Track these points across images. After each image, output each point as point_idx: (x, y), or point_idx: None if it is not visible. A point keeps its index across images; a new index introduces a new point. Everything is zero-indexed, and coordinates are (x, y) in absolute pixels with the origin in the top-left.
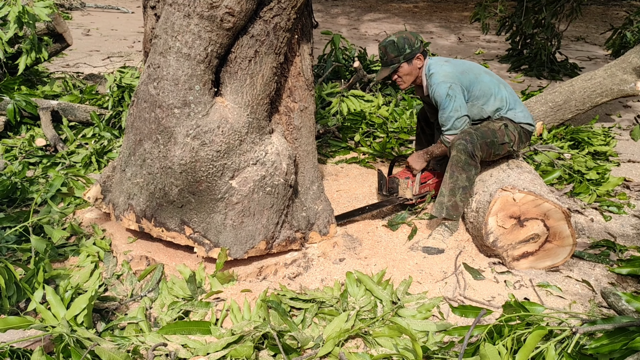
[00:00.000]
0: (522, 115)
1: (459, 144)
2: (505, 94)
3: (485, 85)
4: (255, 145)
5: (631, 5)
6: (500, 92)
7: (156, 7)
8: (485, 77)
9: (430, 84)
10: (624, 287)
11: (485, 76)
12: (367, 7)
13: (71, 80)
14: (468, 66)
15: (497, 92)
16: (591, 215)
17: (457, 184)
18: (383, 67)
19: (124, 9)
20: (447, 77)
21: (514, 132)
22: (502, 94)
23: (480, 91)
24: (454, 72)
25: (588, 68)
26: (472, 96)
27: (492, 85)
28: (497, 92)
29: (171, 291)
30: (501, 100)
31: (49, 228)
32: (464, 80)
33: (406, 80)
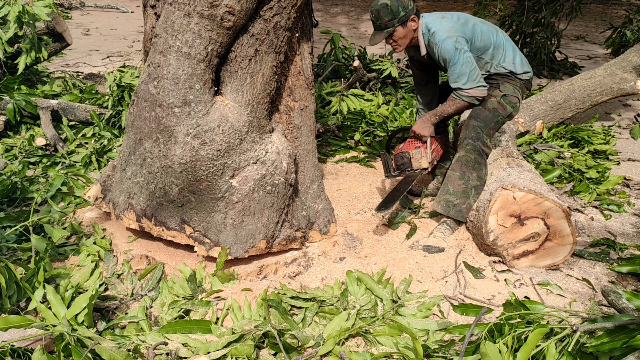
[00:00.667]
0: (519, 63)
1: (467, 144)
2: (502, 40)
3: (485, 35)
4: (256, 144)
5: (631, 4)
6: (498, 38)
7: (156, 6)
8: (483, 27)
9: (435, 42)
10: (624, 286)
11: (481, 25)
12: (367, 6)
13: (71, 79)
14: (465, 18)
15: (495, 40)
16: (591, 214)
17: (468, 184)
18: (376, 31)
19: (124, 8)
20: (450, 32)
21: (514, 94)
22: (500, 41)
23: (482, 42)
24: (456, 26)
25: (588, 67)
26: (474, 48)
27: (490, 34)
28: (496, 39)
29: (171, 290)
30: (499, 47)
31: (49, 227)
32: (467, 31)
33: (401, 43)
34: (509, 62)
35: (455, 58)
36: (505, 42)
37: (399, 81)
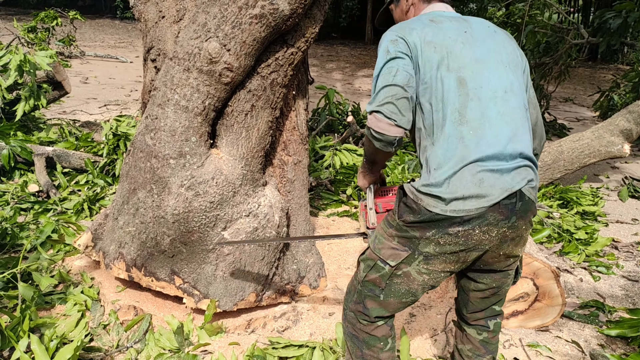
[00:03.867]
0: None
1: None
2: (472, 118)
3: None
4: (249, 197)
5: (618, 69)
6: (461, 108)
7: (156, 60)
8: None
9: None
10: (612, 349)
11: (449, 81)
12: (362, 63)
13: (67, 127)
14: (473, 33)
15: (453, 105)
16: (580, 275)
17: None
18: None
19: (123, 58)
20: (398, 29)
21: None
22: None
23: (428, 92)
24: (423, 28)
25: (576, 129)
26: (422, 83)
27: (452, 90)
28: (455, 105)
29: (158, 342)
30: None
31: (37, 275)
32: (421, 54)
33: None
34: (427, 166)
35: (379, 60)
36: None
37: None
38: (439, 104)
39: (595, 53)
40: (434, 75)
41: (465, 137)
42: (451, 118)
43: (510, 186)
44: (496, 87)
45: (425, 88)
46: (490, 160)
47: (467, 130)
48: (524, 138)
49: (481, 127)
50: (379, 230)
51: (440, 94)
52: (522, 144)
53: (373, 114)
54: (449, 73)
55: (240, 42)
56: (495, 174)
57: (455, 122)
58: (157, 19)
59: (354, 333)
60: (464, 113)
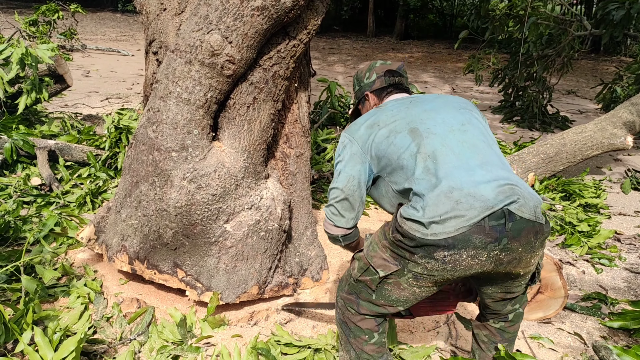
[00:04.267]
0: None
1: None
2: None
3: (394, 150)
4: (251, 190)
5: (621, 61)
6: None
7: (158, 52)
8: (402, 140)
9: None
10: (615, 341)
11: (401, 137)
12: (364, 55)
13: (69, 120)
14: (390, 116)
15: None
16: (583, 267)
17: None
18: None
19: (125, 51)
20: (348, 129)
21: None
22: (407, 162)
23: (386, 159)
24: (361, 122)
25: (579, 121)
26: (381, 167)
27: (403, 152)
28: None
29: (161, 335)
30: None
31: (40, 268)
32: (368, 138)
33: None
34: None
35: (335, 164)
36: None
37: None
38: (399, 162)
39: (598, 45)
40: (385, 144)
41: (430, 168)
42: (413, 162)
43: (491, 204)
44: (452, 123)
45: (384, 158)
46: (462, 182)
47: (431, 162)
48: (495, 162)
49: (444, 154)
50: (375, 238)
51: (396, 154)
52: (495, 167)
53: (328, 220)
54: (398, 134)
55: (242, 35)
56: (472, 194)
57: (419, 163)
58: (158, 12)
59: (343, 320)
60: (423, 151)
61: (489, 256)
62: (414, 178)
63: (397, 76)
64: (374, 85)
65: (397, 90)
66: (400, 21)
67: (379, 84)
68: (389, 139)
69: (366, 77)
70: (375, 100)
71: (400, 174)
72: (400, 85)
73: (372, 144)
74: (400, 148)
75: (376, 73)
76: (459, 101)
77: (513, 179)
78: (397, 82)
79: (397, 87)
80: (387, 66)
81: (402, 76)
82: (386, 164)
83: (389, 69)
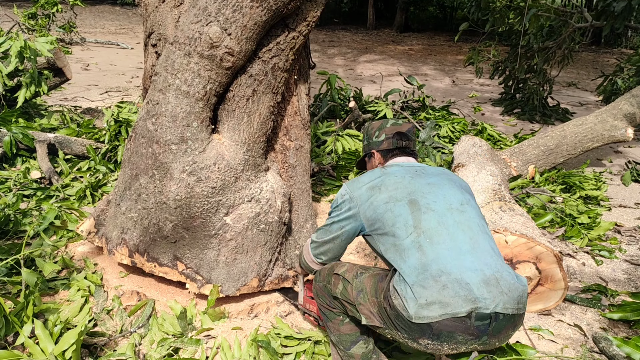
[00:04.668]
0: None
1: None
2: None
3: (390, 217)
4: (251, 183)
5: (622, 53)
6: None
7: (157, 45)
8: (401, 209)
9: None
10: (615, 332)
11: (399, 207)
12: (364, 48)
13: (69, 113)
14: (392, 184)
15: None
16: (583, 259)
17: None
18: None
19: (124, 44)
20: (350, 184)
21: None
22: (407, 244)
23: (380, 223)
24: (372, 186)
25: (579, 113)
26: (374, 228)
27: (400, 222)
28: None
29: (161, 327)
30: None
31: (40, 261)
32: (367, 200)
33: None
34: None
35: (330, 211)
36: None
37: None
38: (392, 229)
39: (598, 37)
40: (382, 209)
41: (423, 246)
42: (407, 234)
43: (474, 296)
44: (452, 200)
45: (378, 222)
46: (451, 267)
47: (424, 239)
48: (486, 248)
49: (438, 234)
50: (367, 285)
51: (391, 221)
52: (484, 254)
53: (310, 252)
54: (398, 202)
55: (241, 26)
56: (458, 280)
57: (412, 236)
58: (157, 4)
59: (320, 303)
60: (419, 226)
61: (467, 348)
62: (404, 250)
63: (405, 140)
64: (382, 145)
65: (403, 153)
66: (400, 13)
67: (386, 145)
68: (387, 204)
69: (375, 135)
70: (380, 159)
71: (391, 240)
72: (406, 149)
73: (369, 206)
74: (397, 217)
75: (385, 134)
76: (461, 182)
77: (500, 268)
78: (404, 146)
79: (403, 151)
80: (397, 127)
81: (410, 140)
82: (379, 227)
83: (398, 131)
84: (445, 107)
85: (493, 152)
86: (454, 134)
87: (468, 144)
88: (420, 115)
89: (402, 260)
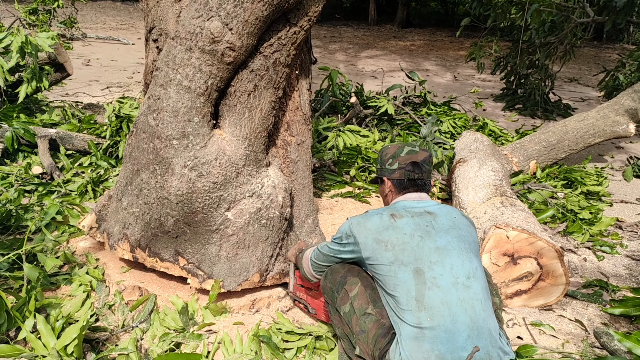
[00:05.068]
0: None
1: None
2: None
3: (396, 281)
4: (252, 178)
5: (624, 49)
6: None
7: (158, 40)
8: (405, 275)
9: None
10: (616, 328)
11: (404, 273)
12: (365, 44)
13: (70, 109)
14: (402, 245)
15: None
16: (584, 255)
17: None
18: None
19: (125, 40)
20: (357, 223)
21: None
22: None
23: (381, 277)
24: (380, 229)
25: (581, 109)
26: (377, 273)
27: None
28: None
29: (163, 322)
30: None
31: (42, 256)
32: (372, 253)
33: (384, 203)
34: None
35: (333, 240)
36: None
37: (395, 118)
38: (394, 292)
39: (600, 32)
40: (386, 269)
41: (422, 322)
42: (408, 306)
43: None
44: (458, 273)
45: (379, 275)
46: (445, 352)
47: (425, 317)
48: (483, 328)
49: (440, 314)
50: (370, 330)
51: (393, 283)
52: (480, 336)
53: (310, 267)
54: (403, 267)
55: (243, 21)
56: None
57: (413, 310)
58: None
59: (325, 300)
60: (421, 300)
61: None
62: (402, 323)
63: (418, 172)
64: (393, 174)
65: (414, 188)
66: (401, 9)
67: (398, 175)
68: (392, 267)
69: (388, 162)
70: (392, 188)
71: (391, 300)
72: (419, 182)
73: (374, 258)
74: (400, 283)
75: (399, 163)
76: (469, 234)
77: (490, 350)
78: (416, 179)
79: (415, 184)
80: (412, 157)
81: (424, 171)
82: (381, 280)
83: (413, 161)
84: (446, 102)
85: (494, 147)
86: (455, 129)
87: (469, 139)
88: (422, 111)
89: (401, 329)
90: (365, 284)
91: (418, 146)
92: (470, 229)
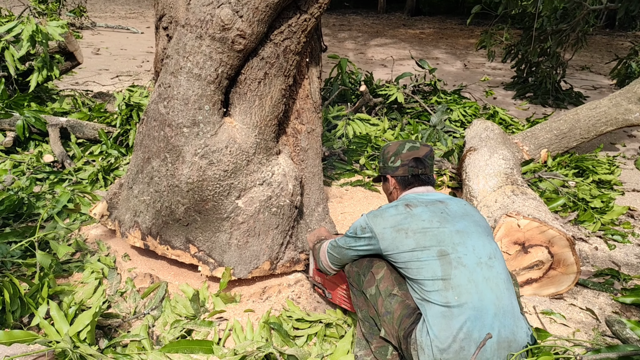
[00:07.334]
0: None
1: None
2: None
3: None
4: (262, 166)
5: (636, 36)
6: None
7: (168, 27)
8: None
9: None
10: (627, 317)
11: (427, 255)
12: (374, 32)
13: (80, 98)
14: (434, 232)
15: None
16: (595, 244)
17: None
18: None
19: (134, 29)
20: (372, 217)
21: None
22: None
23: (404, 264)
24: (397, 221)
25: (593, 97)
26: (399, 262)
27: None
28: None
29: (174, 309)
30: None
31: (54, 244)
32: (392, 242)
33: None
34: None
35: (347, 235)
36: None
37: (405, 107)
38: (418, 277)
39: (612, 20)
40: (409, 256)
41: (450, 302)
42: (434, 287)
43: (487, 358)
44: (481, 253)
45: (401, 263)
46: (473, 329)
47: (452, 295)
48: (507, 308)
49: (467, 291)
50: (395, 311)
51: (417, 267)
52: (505, 316)
53: (327, 259)
54: (427, 250)
55: (253, 9)
56: (476, 343)
57: (440, 290)
58: None
59: (350, 283)
60: (448, 280)
61: None
62: (430, 302)
63: (421, 167)
64: (397, 172)
65: (419, 183)
66: None
67: (402, 172)
68: (414, 252)
69: (391, 160)
70: (396, 185)
71: (413, 284)
72: (423, 177)
73: (394, 248)
74: (424, 265)
75: (401, 160)
76: (482, 220)
77: (515, 329)
78: (420, 174)
79: (419, 179)
80: (414, 153)
81: (426, 166)
82: (403, 268)
83: (415, 157)
84: (456, 91)
85: (505, 136)
86: (465, 118)
87: (480, 127)
88: (432, 99)
89: (427, 309)
90: (390, 268)
91: (419, 142)
92: (482, 216)
